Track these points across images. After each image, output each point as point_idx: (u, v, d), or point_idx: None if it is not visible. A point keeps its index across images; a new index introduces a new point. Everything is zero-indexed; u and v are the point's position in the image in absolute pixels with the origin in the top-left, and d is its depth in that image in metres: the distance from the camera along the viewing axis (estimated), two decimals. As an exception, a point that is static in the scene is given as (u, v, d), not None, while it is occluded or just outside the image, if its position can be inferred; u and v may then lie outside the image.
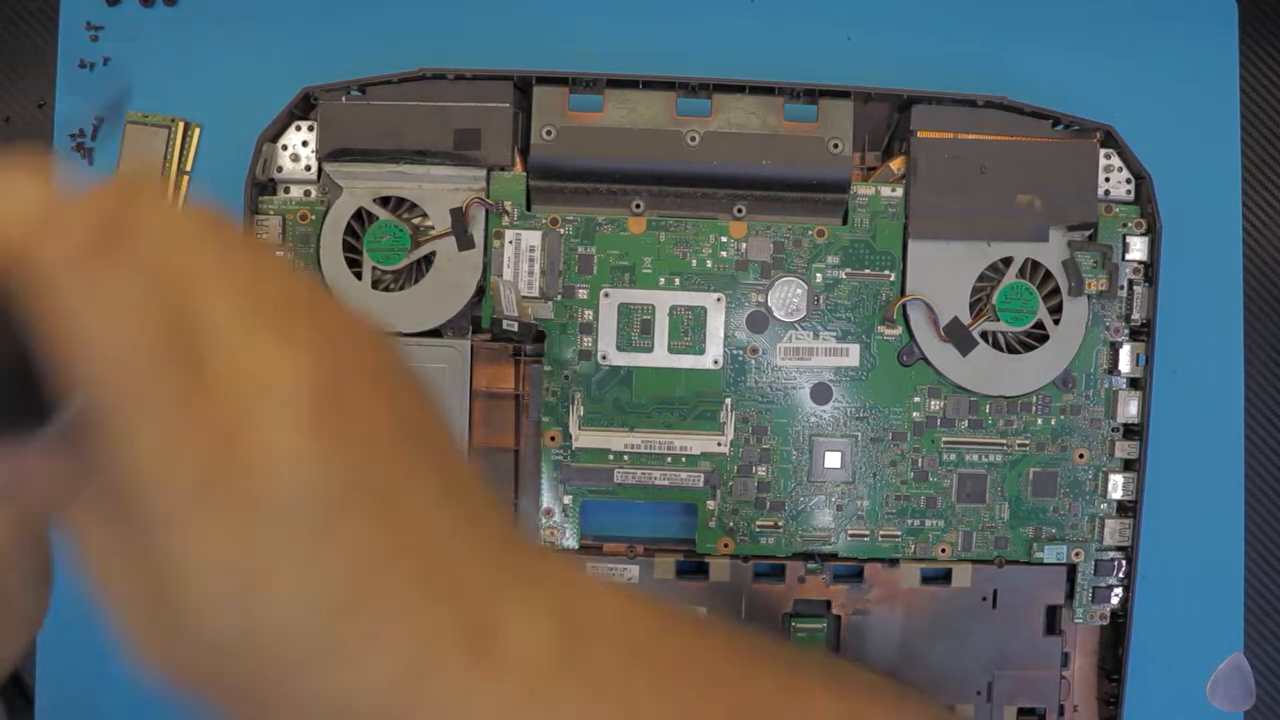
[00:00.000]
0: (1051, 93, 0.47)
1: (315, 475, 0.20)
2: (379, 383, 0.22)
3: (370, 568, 0.21)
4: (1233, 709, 0.49)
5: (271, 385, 0.20)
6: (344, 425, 0.21)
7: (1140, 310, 0.46)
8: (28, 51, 0.50)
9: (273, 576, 0.20)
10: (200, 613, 0.20)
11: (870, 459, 0.46)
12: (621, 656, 0.24)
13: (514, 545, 0.24)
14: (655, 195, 0.45)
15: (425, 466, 0.23)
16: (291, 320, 0.21)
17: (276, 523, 0.20)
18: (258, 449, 0.19)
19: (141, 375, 0.19)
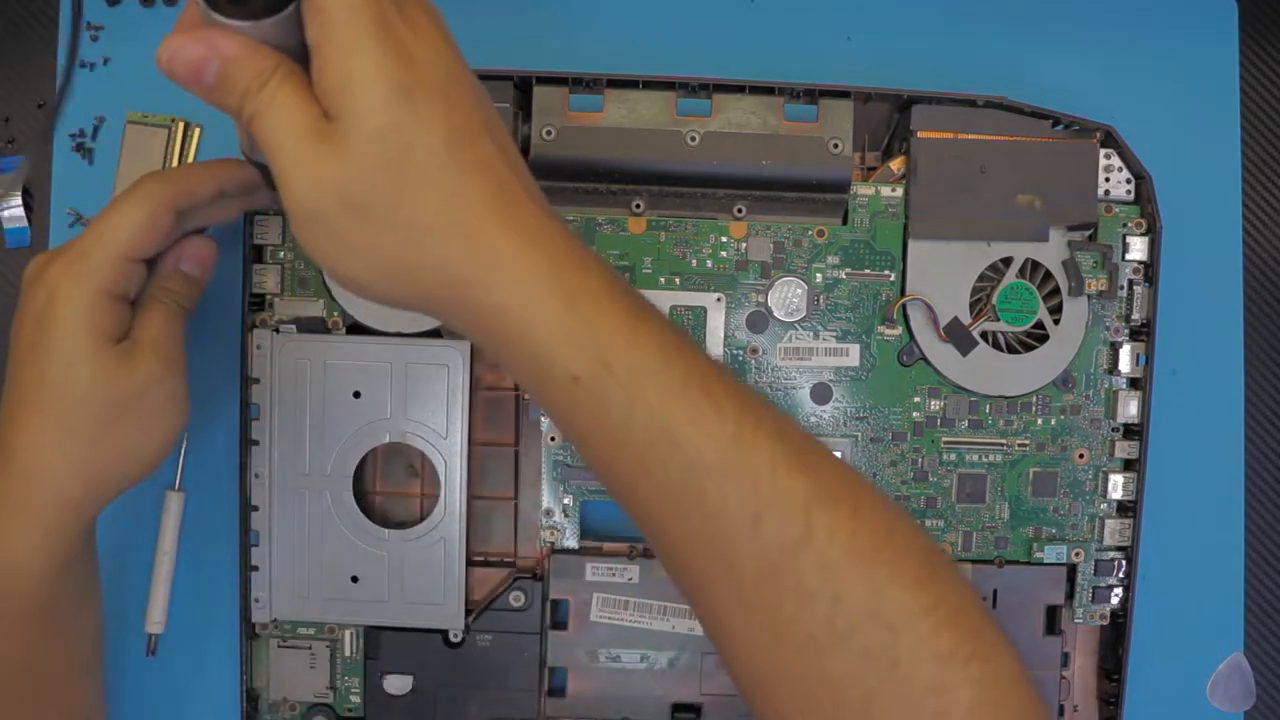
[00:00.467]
0: (1051, 93, 0.47)
1: (453, 62, 0.31)
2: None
3: (483, 130, 0.31)
4: (1233, 709, 0.49)
5: (431, 9, 0.31)
6: (464, 62, 0.32)
7: (1140, 310, 0.46)
8: (28, 51, 0.50)
9: (419, 94, 0.29)
10: (365, 110, 0.29)
11: (870, 459, 0.46)
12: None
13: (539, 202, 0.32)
14: (655, 195, 0.45)
15: (508, 135, 0.32)
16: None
17: (427, 61, 0.30)
18: (424, 28, 0.30)
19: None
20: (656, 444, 0.30)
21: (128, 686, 0.48)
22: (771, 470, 0.30)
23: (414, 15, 0.30)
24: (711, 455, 0.30)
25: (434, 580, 0.45)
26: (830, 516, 0.30)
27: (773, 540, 0.30)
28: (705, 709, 0.47)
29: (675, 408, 0.30)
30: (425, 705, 0.46)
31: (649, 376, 0.30)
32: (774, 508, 0.30)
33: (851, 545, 0.30)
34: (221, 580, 0.47)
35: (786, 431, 0.31)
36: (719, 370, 0.31)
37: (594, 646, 0.46)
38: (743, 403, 0.31)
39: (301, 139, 0.29)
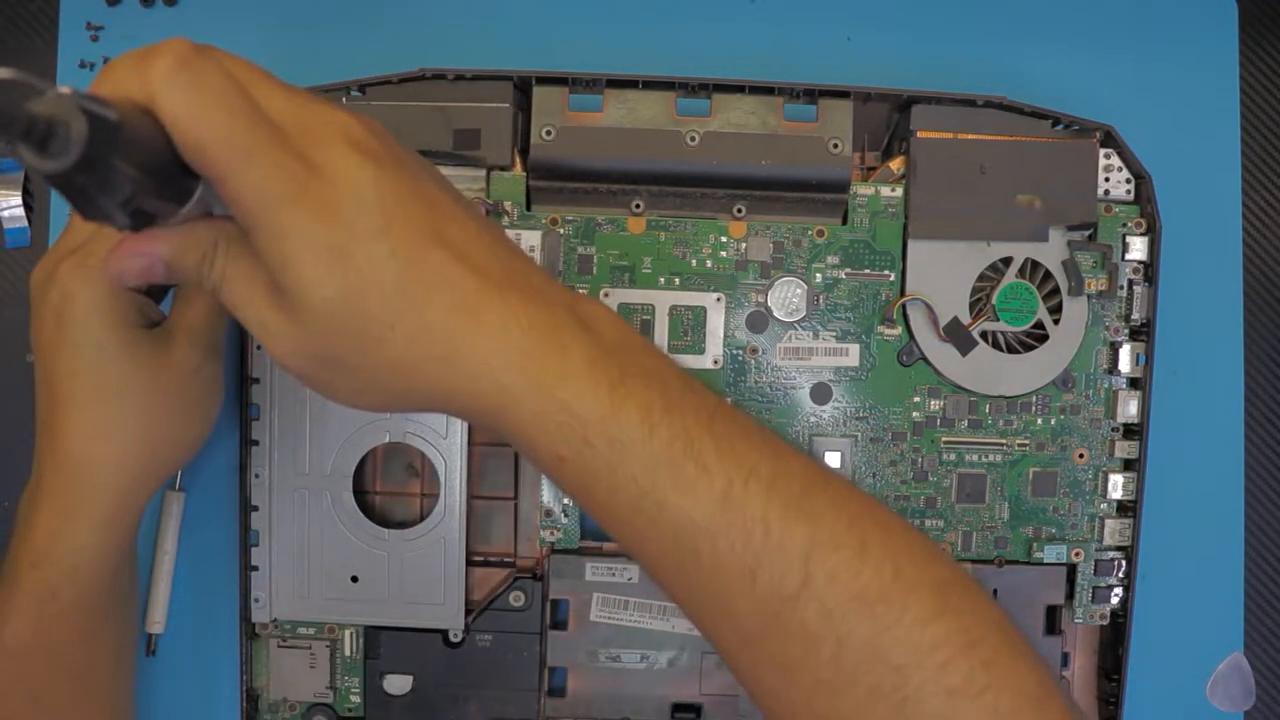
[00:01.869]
0: (1051, 93, 0.47)
1: (378, 181, 0.29)
2: (397, 143, 0.32)
3: (430, 243, 0.29)
4: (1233, 709, 0.49)
5: (330, 126, 0.29)
6: (386, 151, 0.30)
7: (1140, 310, 0.46)
8: (28, 51, 0.50)
9: (354, 248, 0.29)
10: (308, 286, 0.29)
11: (870, 459, 0.46)
12: (646, 341, 0.34)
13: (541, 269, 0.33)
14: (655, 195, 0.45)
15: (455, 196, 0.32)
16: (325, 102, 0.30)
17: (352, 210, 0.29)
18: (333, 161, 0.29)
19: (241, 134, 0.27)
20: (645, 510, 0.30)
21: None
22: (765, 524, 0.30)
23: (326, 154, 0.29)
24: (700, 516, 0.30)
25: (434, 580, 0.45)
26: (831, 561, 0.30)
27: (772, 592, 0.30)
28: (705, 709, 0.47)
29: (659, 475, 0.30)
30: (425, 705, 0.46)
31: (630, 447, 0.30)
32: (770, 560, 0.30)
33: (853, 588, 0.30)
34: (221, 580, 0.47)
35: (786, 476, 0.31)
36: (716, 423, 0.31)
37: (594, 646, 0.46)
38: (736, 454, 0.31)
39: (261, 309, 0.30)
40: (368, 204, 0.29)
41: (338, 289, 0.29)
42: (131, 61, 0.27)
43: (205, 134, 0.27)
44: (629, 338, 0.32)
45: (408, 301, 0.29)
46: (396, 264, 0.29)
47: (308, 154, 0.29)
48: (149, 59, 0.27)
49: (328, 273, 0.29)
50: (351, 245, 0.29)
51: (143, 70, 0.27)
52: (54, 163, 0.24)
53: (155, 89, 0.27)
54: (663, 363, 0.33)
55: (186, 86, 0.27)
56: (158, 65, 0.27)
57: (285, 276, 0.29)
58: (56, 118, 0.24)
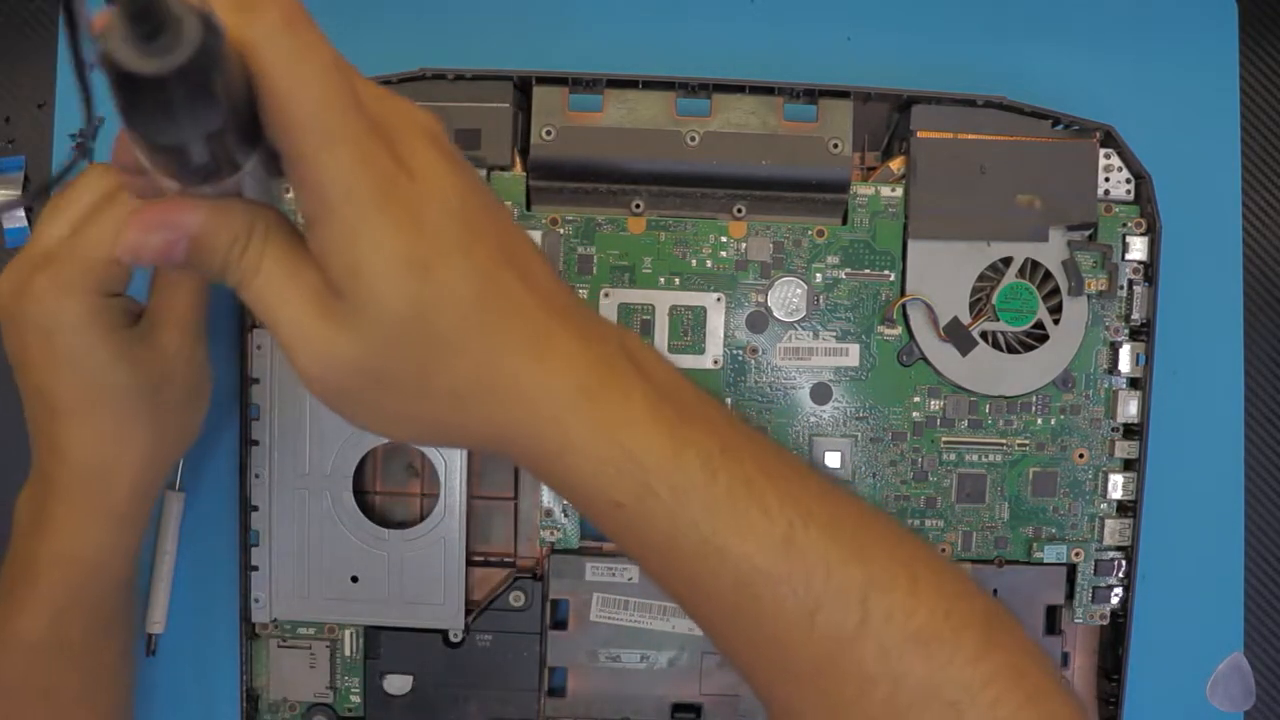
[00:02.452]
0: (1051, 93, 0.47)
1: (464, 191, 0.27)
2: None
3: (507, 267, 0.28)
4: (1233, 709, 0.49)
5: (416, 124, 0.27)
6: (468, 168, 0.28)
7: (1140, 310, 0.46)
8: (28, 51, 0.50)
9: (436, 261, 0.26)
10: (380, 296, 0.26)
11: (870, 459, 0.46)
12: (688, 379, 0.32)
13: (585, 303, 0.32)
14: (655, 195, 0.45)
15: (521, 229, 0.30)
16: (409, 103, 0.28)
17: (437, 220, 0.26)
18: (423, 163, 0.27)
19: (337, 108, 0.25)
20: (707, 557, 0.29)
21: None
22: (825, 567, 0.30)
23: (413, 153, 0.27)
24: (763, 562, 0.29)
25: (434, 580, 0.45)
26: (887, 601, 0.30)
27: (830, 633, 0.30)
28: (705, 709, 0.47)
29: (721, 521, 0.29)
30: (425, 705, 0.46)
31: (692, 493, 0.29)
32: (829, 603, 0.29)
33: (908, 627, 0.30)
34: (221, 580, 0.47)
35: (839, 518, 0.31)
36: (769, 463, 0.30)
37: (594, 646, 0.46)
38: (793, 496, 0.30)
39: (303, 313, 0.27)
40: (454, 214, 0.27)
41: (412, 304, 0.26)
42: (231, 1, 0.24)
43: (303, 101, 0.24)
44: (676, 377, 0.31)
45: (481, 326, 0.27)
46: (474, 284, 0.27)
47: (397, 148, 0.26)
48: (255, 4, 0.24)
49: (404, 285, 0.26)
50: (434, 258, 0.26)
51: (246, 12, 0.24)
52: (157, 62, 0.21)
53: (260, 37, 0.24)
54: (710, 402, 0.32)
55: (293, 45, 0.24)
56: (266, 14, 0.24)
57: (352, 282, 0.26)
58: (172, 11, 0.21)
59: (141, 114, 0.23)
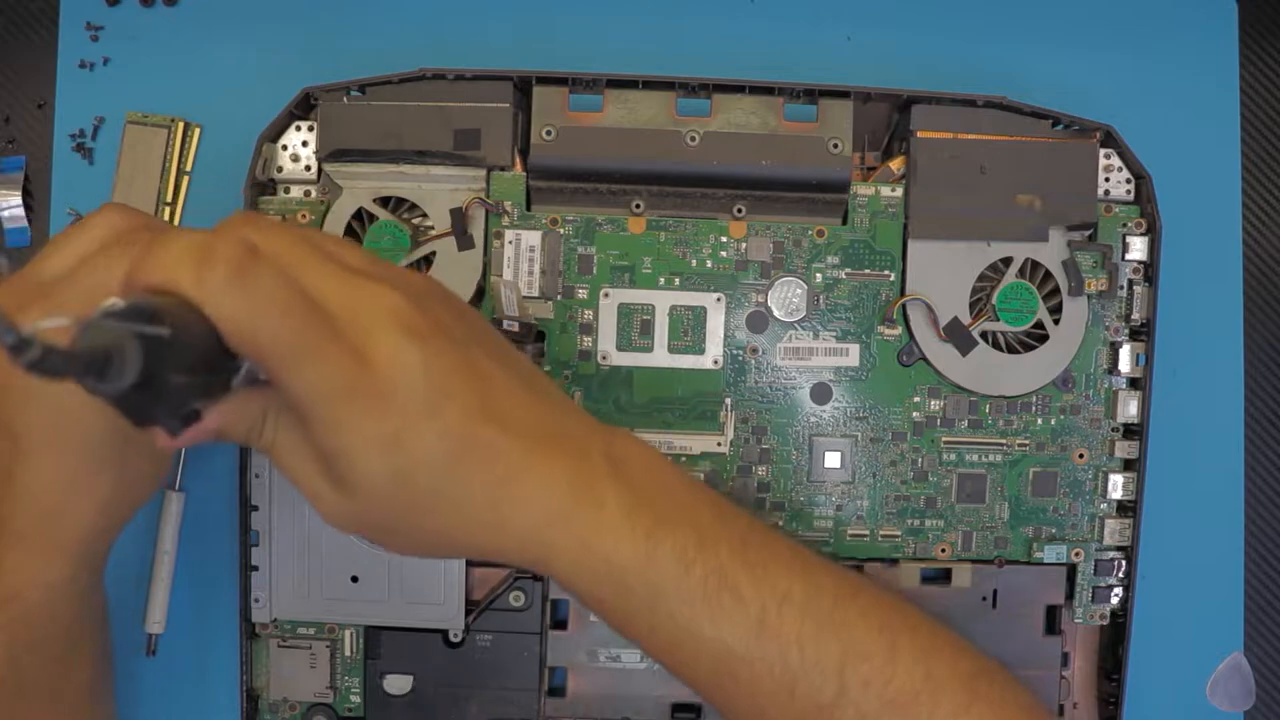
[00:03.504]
0: (1051, 93, 0.47)
1: (425, 362, 0.30)
2: (446, 303, 0.33)
3: (476, 419, 0.31)
4: (1233, 709, 0.49)
5: (378, 309, 0.30)
6: (434, 327, 0.31)
7: (1140, 310, 0.46)
8: (28, 51, 0.50)
9: (406, 435, 0.30)
10: (363, 472, 0.30)
11: (870, 459, 0.46)
12: (677, 471, 0.35)
13: (576, 407, 0.35)
14: (655, 195, 0.45)
15: (500, 355, 0.33)
16: (372, 271, 0.32)
17: (403, 397, 0.30)
18: (383, 350, 0.30)
19: (294, 335, 0.28)
20: (684, 644, 0.32)
21: (128, 686, 0.48)
22: (799, 645, 0.32)
23: (373, 342, 0.30)
24: (737, 645, 0.32)
25: (434, 580, 0.45)
26: (865, 670, 0.32)
27: (809, 705, 0.32)
28: (705, 709, 0.47)
29: (695, 611, 0.32)
30: (425, 705, 0.46)
31: (666, 588, 0.32)
32: (806, 678, 0.32)
33: (886, 693, 0.32)
34: (221, 580, 0.47)
35: (816, 594, 0.33)
36: (748, 549, 0.33)
37: (594, 646, 0.46)
38: (768, 580, 0.33)
39: (314, 479, 0.31)
40: (417, 390, 0.30)
41: (390, 473, 0.30)
42: (183, 257, 0.28)
43: (261, 339, 0.28)
44: (661, 473, 0.34)
45: (455, 478, 0.31)
46: (446, 444, 0.30)
47: (359, 344, 0.30)
48: (203, 265, 0.27)
49: (380, 460, 0.30)
50: (403, 432, 0.30)
51: (196, 274, 0.27)
52: (110, 387, 0.24)
53: (210, 297, 0.27)
54: (695, 493, 0.34)
55: (242, 296, 0.28)
56: (215, 273, 0.27)
57: (339, 463, 0.30)
58: (111, 346, 0.24)
59: (125, 414, 0.28)
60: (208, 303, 0.28)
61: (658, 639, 0.33)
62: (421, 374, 0.30)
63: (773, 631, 0.32)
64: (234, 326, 0.28)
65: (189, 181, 0.49)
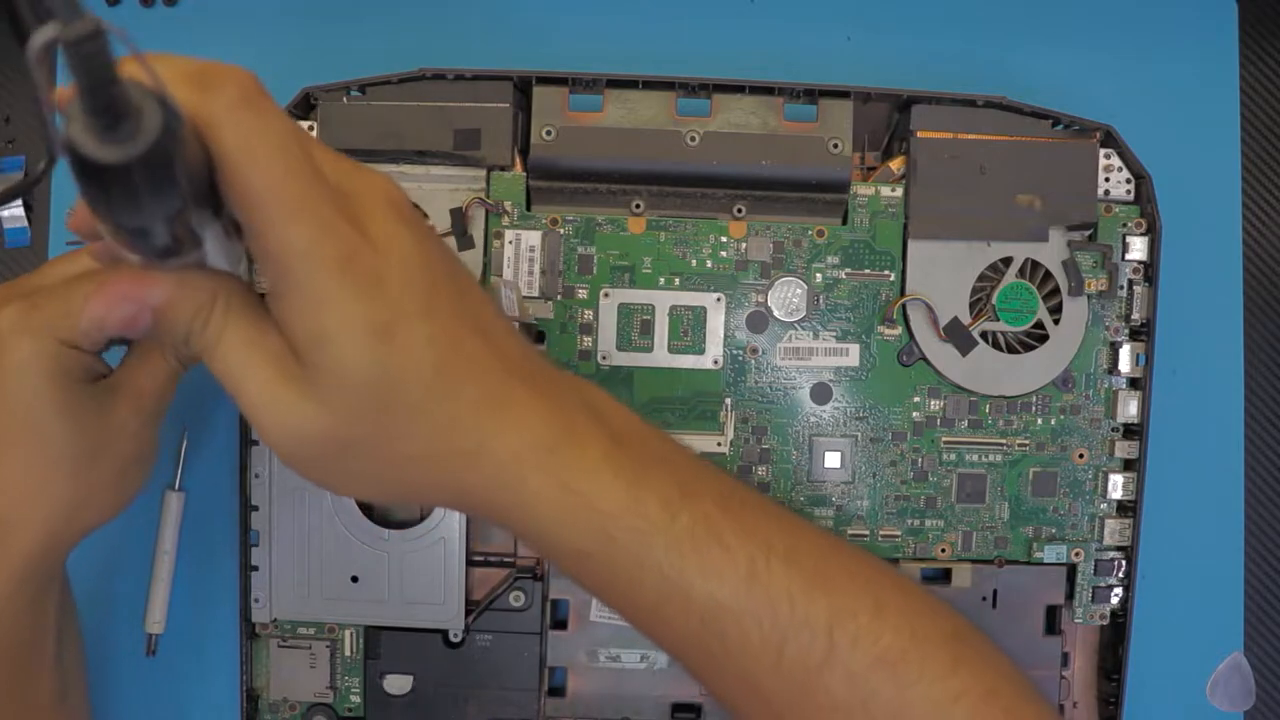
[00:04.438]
0: (1051, 93, 0.47)
1: (425, 257, 0.28)
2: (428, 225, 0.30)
3: (469, 329, 0.29)
4: (1233, 709, 0.49)
5: (376, 191, 0.28)
6: (427, 230, 0.29)
7: (1140, 310, 0.46)
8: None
9: (398, 327, 0.27)
10: (346, 364, 0.27)
11: (870, 459, 0.46)
12: (652, 426, 0.33)
13: (547, 358, 0.33)
14: (655, 195, 0.45)
15: (480, 289, 0.31)
16: (368, 169, 0.29)
17: (399, 286, 0.27)
18: (383, 230, 0.27)
19: (297, 181, 0.26)
20: (671, 597, 0.30)
21: (128, 686, 0.48)
22: (789, 599, 0.30)
23: (374, 221, 0.27)
24: (727, 599, 0.30)
25: (434, 580, 0.45)
26: (853, 627, 0.31)
27: (798, 664, 0.30)
28: (705, 709, 0.47)
29: (683, 561, 0.30)
30: (425, 705, 0.46)
31: (653, 535, 0.30)
32: (796, 635, 0.30)
33: (875, 650, 0.30)
34: (221, 580, 0.47)
35: (800, 549, 0.31)
36: (729, 500, 0.31)
37: (594, 646, 0.46)
38: (753, 531, 0.31)
39: (267, 382, 0.28)
40: (415, 280, 0.28)
41: (376, 368, 0.27)
42: (189, 77, 0.25)
43: (263, 176, 0.25)
44: (638, 424, 0.32)
45: (443, 389, 0.28)
46: (437, 349, 0.28)
47: (358, 217, 0.27)
48: (212, 81, 0.25)
49: (368, 350, 0.27)
50: (397, 323, 0.27)
51: (204, 91, 0.25)
52: (119, 150, 0.21)
53: (218, 116, 0.25)
54: (673, 446, 0.33)
55: (251, 122, 0.25)
56: (224, 93, 0.25)
57: (317, 348, 0.27)
58: (133, 100, 0.21)
59: (104, 199, 0.23)
60: (212, 124, 0.25)
61: (643, 595, 0.31)
62: (421, 267, 0.28)
63: (763, 584, 0.30)
64: (237, 156, 0.25)
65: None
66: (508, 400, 0.29)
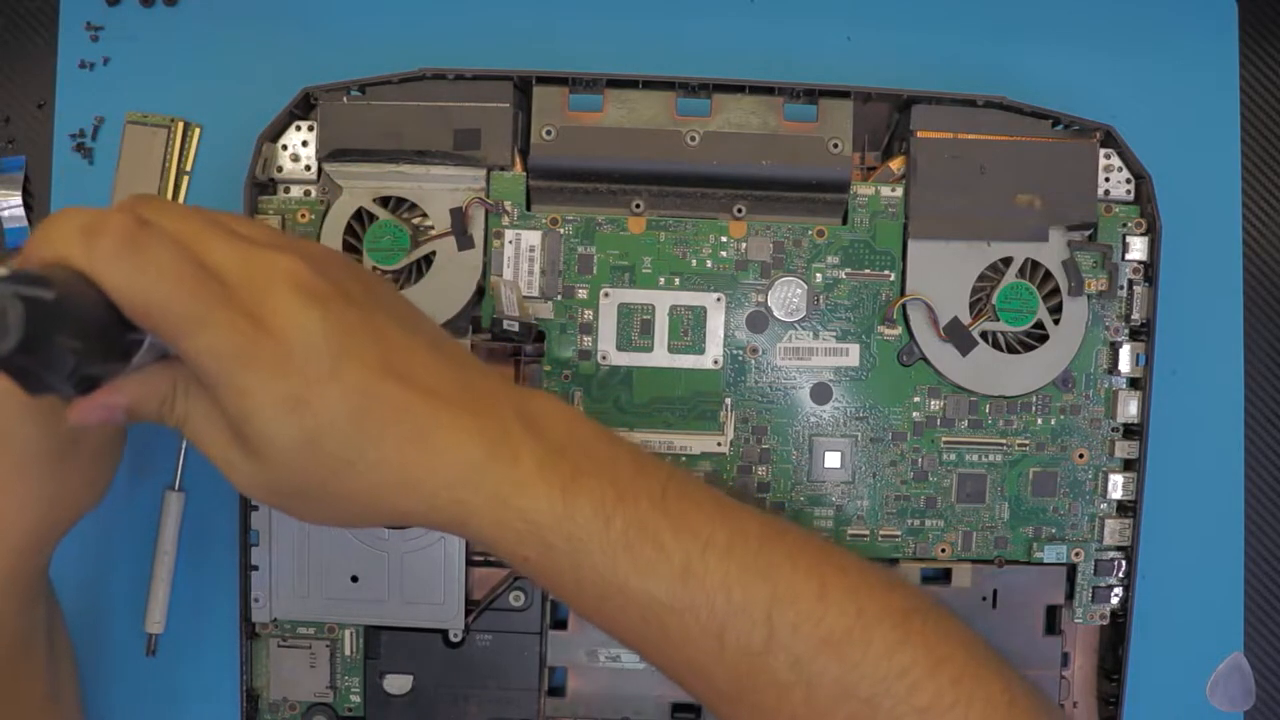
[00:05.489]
0: (1051, 93, 0.47)
1: (323, 323, 0.30)
2: (347, 268, 0.33)
3: (379, 376, 0.30)
4: (1233, 709, 0.49)
5: (274, 274, 0.30)
6: (333, 290, 0.31)
7: (1140, 310, 0.46)
8: (28, 51, 0.50)
9: (309, 394, 0.30)
10: (270, 436, 0.30)
11: (870, 459, 0.46)
12: (598, 428, 0.35)
13: (490, 369, 0.34)
14: (655, 195, 0.45)
15: (406, 319, 0.33)
16: (271, 241, 0.32)
17: (302, 358, 0.29)
18: (280, 312, 0.29)
19: (186, 302, 0.28)
20: (610, 597, 0.32)
21: (128, 686, 0.48)
22: (726, 590, 0.32)
23: (269, 307, 0.30)
24: (663, 594, 0.32)
25: (434, 580, 0.45)
26: (793, 612, 0.32)
27: (740, 652, 0.32)
28: (705, 710, 0.47)
29: (619, 564, 0.32)
30: (425, 705, 0.46)
31: (588, 542, 0.31)
32: (734, 623, 0.32)
33: (817, 633, 0.32)
34: (221, 580, 0.47)
35: (741, 539, 0.33)
36: (667, 499, 0.33)
37: (594, 646, 0.46)
38: (691, 528, 0.32)
39: (223, 448, 0.31)
40: (317, 350, 0.30)
41: (296, 435, 0.30)
42: (72, 231, 0.28)
43: (154, 307, 0.28)
44: (578, 428, 0.34)
45: (363, 438, 0.30)
46: (349, 404, 0.30)
47: (255, 308, 0.29)
48: (92, 233, 0.27)
49: (285, 422, 0.30)
50: (306, 392, 0.30)
51: (85, 245, 0.27)
52: None
53: (98, 266, 0.27)
54: (614, 447, 0.34)
55: (131, 265, 0.28)
56: (102, 242, 0.27)
57: (246, 427, 0.30)
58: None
59: (14, 378, 0.27)
60: (96, 272, 0.28)
61: (584, 595, 0.32)
62: (320, 334, 0.30)
63: (698, 579, 0.32)
64: (125, 295, 0.28)
65: (189, 181, 0.49)
66: (432, 431, 0.31)
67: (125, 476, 0.48)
